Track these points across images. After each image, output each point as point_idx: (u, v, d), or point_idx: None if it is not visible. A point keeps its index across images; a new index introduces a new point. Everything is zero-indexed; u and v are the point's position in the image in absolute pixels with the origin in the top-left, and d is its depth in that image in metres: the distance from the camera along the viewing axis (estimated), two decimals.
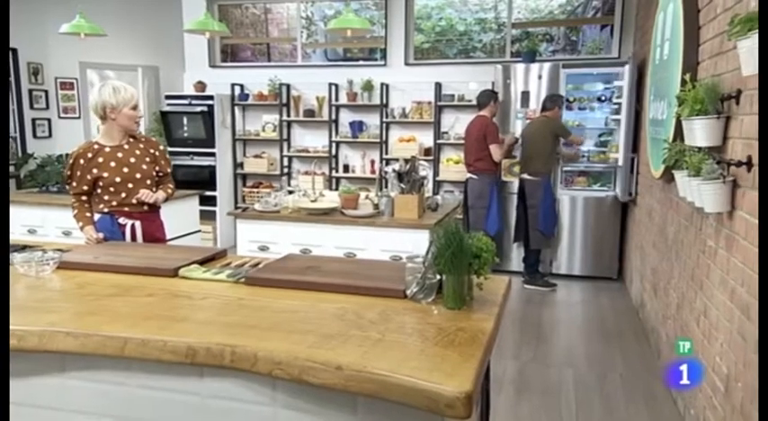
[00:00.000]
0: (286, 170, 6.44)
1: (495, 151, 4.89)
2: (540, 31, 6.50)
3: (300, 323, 1.60)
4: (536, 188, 4.96)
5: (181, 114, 6.17)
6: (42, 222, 4.17)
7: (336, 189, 6.16)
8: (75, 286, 1.91)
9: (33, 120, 6.78)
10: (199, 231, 4.77)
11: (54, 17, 5.91)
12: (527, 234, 5.10)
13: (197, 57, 6.57)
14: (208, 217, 6.07)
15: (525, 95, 5.38)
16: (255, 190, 6.37)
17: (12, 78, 6.58)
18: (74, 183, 2.64)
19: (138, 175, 2.67)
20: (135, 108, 2.63)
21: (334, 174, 6.31)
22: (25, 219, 4.22)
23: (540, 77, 5.34)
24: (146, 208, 2.69)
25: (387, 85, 6.10)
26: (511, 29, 6.17)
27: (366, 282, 1.90)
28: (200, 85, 6.23)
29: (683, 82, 2.54)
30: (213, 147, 6.14)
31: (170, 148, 6.33)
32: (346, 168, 6.31)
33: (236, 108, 6.47)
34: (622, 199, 5.05)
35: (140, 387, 1.52)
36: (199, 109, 6.08)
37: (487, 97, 5.00)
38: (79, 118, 7.10)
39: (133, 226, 2.65)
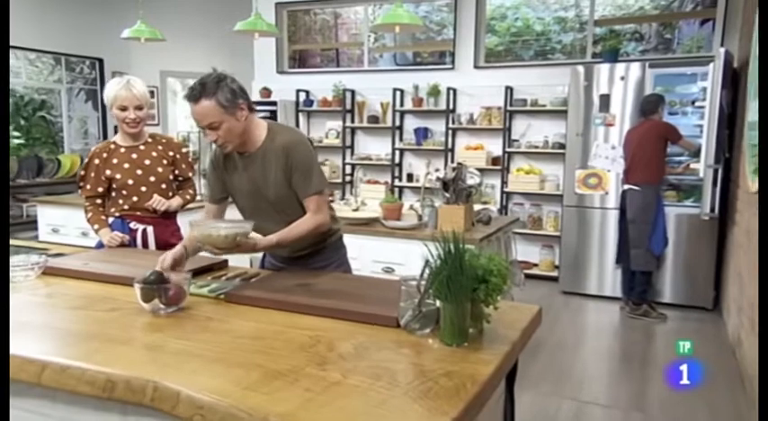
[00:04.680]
0: (348, 178, 6.26)
1: (689, 144, 4.42)
2: (627, 28, 5.88)
3: (256, 353, 1.34)
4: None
5: None
6: (65, 222, 4.25)
7: (400, 198, 5.90)
8: (43, 296, 1.77)
9: (115, 128, 7.09)
10: None
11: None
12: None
13: (266, 63, 6.59)
14: None
15: (605, 99, 4.83)
16: None
17: (98, 87, 6.94)
18: (87, 186, 2.55)
19: (152, 178, 2.54)
20: (123, 109, 2.46)
21: (396, 182, 6.04)
22: (50, 219, 4.37)
23: (622, 78, 4.78)
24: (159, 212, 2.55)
25: (454, 90, 5.76)
26: (593, 27, 5.63)
27: (356, 306, 1.61)
28: (266, 92, 6.22)
29: None
30: None
31: None
32: (410, 177, 6.03)
33: (301, 114, 6.40)
34: (702, 216, 4.37)
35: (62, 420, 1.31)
36: (262, 115, 6.05)
37: (655, 104, 4.41)
38: (158, 125, 7.36)
39: (145, 231, 2.52)
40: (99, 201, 2.57)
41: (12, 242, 2.53)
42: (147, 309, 1.61)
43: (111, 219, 2.55)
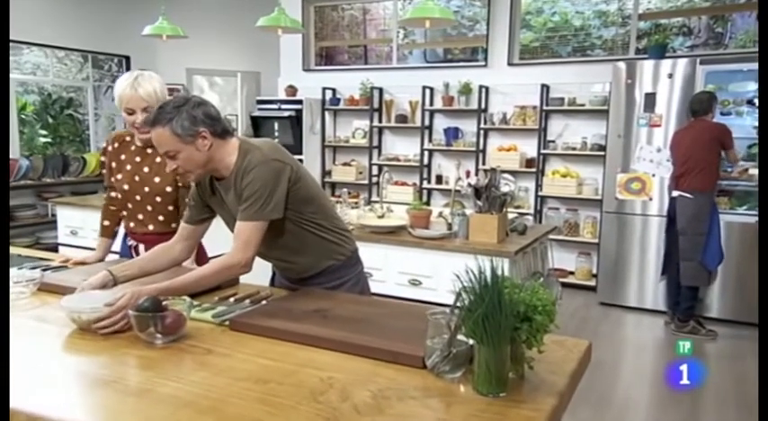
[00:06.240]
0: (375, 179, 6.06)
1: (735, 157, 4.13)
2: (675, 22, 5.52)
3: (256, 402, 1.14)
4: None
5: (272, 119, 6.04)
6: (83, 224, 4.16)
7: (428, 202, 5.68)
8: (34, 318, 1.60)
9: None
10: None
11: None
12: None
13: (291, 61, 6.43)
14: None
15: (650, 98, 4.51)
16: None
17: None
18: (106, 173, 2.30)
19: (146, 189, 2.18)
20: (130, 113, 2.10)
21: (425, 184, 5.81)
22: (68, 220, 4.29)
23: (670, 76, 4.45)
24: (150, 228, 2.22)
25: (486, 88, 5.50)
26: (637, 21, 5.29)
27: (377, 341, 1.40)
28: (291, 90, 6.07)
29: None
30: (301, 153, 5.92)
31: None
32: (439, 179, 5.79)
33: (327, 113, 6.22)
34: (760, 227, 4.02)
35: None
36: (287, 114, 5.90)
37: (708, 103, 4.07)
38: None
39: (136, 248, 2.25)
40: (114, 194, 2.29)
41: (17, 251, 2.40)
42: (143, 338, 1.43)
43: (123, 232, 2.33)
